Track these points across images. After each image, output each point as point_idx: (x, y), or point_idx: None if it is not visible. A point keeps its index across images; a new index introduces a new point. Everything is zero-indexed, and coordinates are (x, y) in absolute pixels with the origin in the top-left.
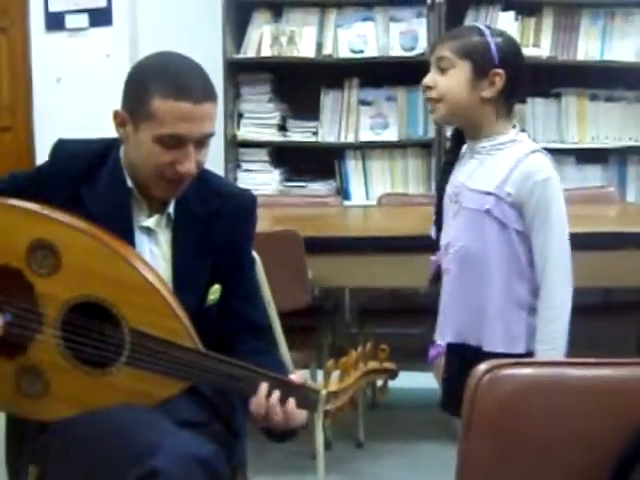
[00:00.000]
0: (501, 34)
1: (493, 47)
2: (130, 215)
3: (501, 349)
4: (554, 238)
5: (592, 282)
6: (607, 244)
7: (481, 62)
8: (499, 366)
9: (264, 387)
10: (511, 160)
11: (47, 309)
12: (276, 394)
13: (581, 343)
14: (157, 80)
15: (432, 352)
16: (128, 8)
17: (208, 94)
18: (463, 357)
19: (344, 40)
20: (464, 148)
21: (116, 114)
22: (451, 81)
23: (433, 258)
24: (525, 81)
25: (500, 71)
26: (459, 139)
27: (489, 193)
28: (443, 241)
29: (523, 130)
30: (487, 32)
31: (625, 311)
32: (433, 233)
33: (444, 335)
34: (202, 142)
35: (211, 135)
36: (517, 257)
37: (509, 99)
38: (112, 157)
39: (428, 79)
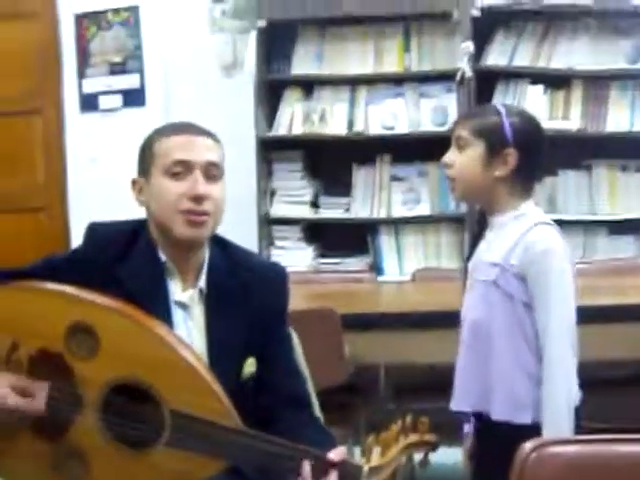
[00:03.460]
0: (519, 113)
1: (507, 127)
2: (166, 291)
3: (506, 418)
4: (553, 312)
5: (627, 354)
6: None
7: (494, 142)
8: (545, 444)
9: (307, 467)
10: (517, 232)
11: (87, 391)
12: (318, 473)
13: (618, 417)
14: (158, 132)
15: (467, 428)
16: (161, 88)
17: (208, 132)
18: (483, 429)
19: (375, 116)
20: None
21: (133, 183)
22: (466, 160)
23: None
24: (542, 159)
25: (512, 151)
26: (484, 216)
27: (495, 264)
28: (462, 314)
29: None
30: (503, 111)
31: None
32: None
33: (458, 405)
34: (210, 174)
35: (217, 165)
36: (523, 328)
37: (524, 177)
38: (143, 234)
39: (447, 157)
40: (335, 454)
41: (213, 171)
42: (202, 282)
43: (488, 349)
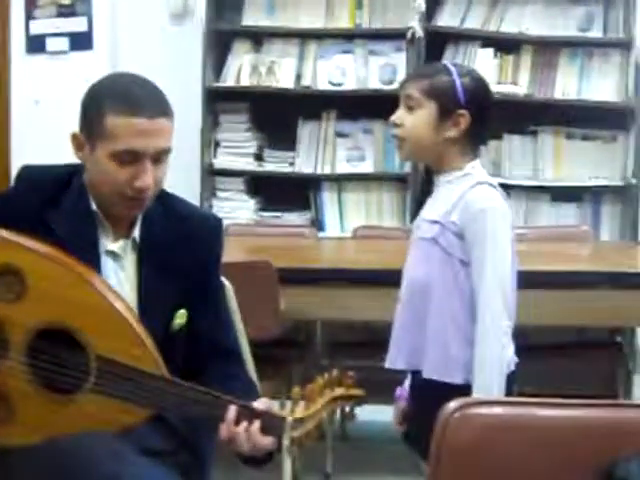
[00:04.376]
0: (469, 73)
1: (459, 88)
2: (96, 239)
3: (438, 377)
4: (488, 271)
5: (565, 321)
6: (580, 283)
7: (446, 103)
8: (468, 404)
9: (232, 413)
10: (458, 191)
11: (13, 335)
12: (242, 421)
13: (554, 381)
14: (110, 98)
15: (397, 392)
16: (109, 33)
17: (163, 110)
18: (416, 386)
19: (323, 72)
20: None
21: (73, 137)
22: (416, 121)
23: None
24: (490, 121)
25: (464, 112)
26: (430, 174)
27: (435, 222)
28: (403, 272)
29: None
30: (454, 71)
31: (598, 350)
32: None
33: (394, 362)
34: (159, 158)
35: (167, 151)
36: (460, 286)
37: (473, 138)
38: (76, 182)
39: (396, 117)
40: (259, 403)
41: (162, 155)
42: (136, 232)
43: (425, 307)
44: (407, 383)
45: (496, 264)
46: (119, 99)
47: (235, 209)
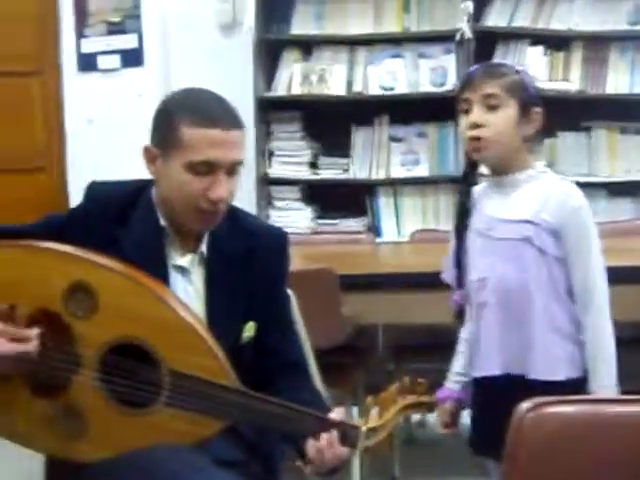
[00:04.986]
0: (526, 71)
1: (530, 85)
2: (164, 255)
3: (543, 377)
4: (595, 266)
5: (626, 316)
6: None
7: (525, 100)
8: (542, 404)
9: (315, 428)
10: (543, 189)
11: (85, 350)
12: (324, 437)
13: (628, 377)
14: (185, 111)
15: (441, 394)
16: (159, 48)
17: (236, 122)
18: (507, 391)
19: (374, 77)
20: (481, 185)
21: (146, 150)
22: (501, 120)
23: (455, 298)
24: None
25: (539, 109)
26: (473, 176)
27: (527, 221)
28: (474, 277)
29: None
30: (523, 70)
31: None
32: (447, 275)
33: (487, 369)
34: (232, 170)
35: (241, 162)
36: (556, 285)
37: (539, 136)
38: (144, 197)
39: (477, 117)
40: (335, 414)
41: (236, 167)
42: (203, 246)
43: (522, 308)
44: (452, 385)
45: (600, 259)
46: (194, 111)
47: (292, 218)
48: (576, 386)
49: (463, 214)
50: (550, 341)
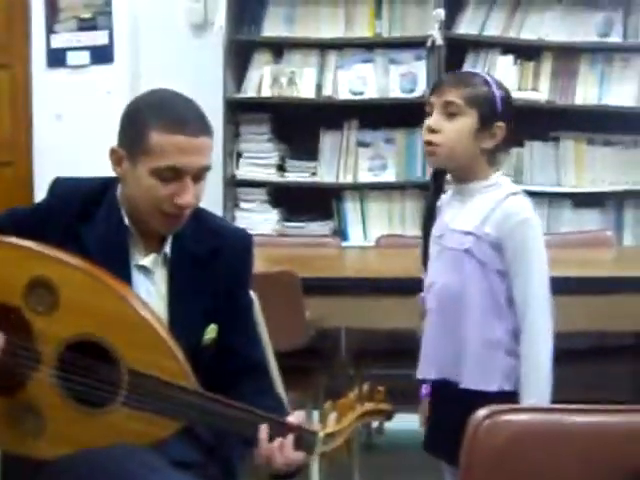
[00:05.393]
0: (501, 86)
1: (498, 100)
2: (127, 254)
3: (475, 387)
4: (534, 281)
5: (587, 326)
6: (603, 288)
7: (487, 113)
8: (498, 412)
9: (264, 431)
10: (491, 202)
11: (45, 347)
12: (277, 439)
13: (576, 387)
14: (153, 115)
15: (424, 390)
16: (130, 46)
17: (204, 128)
18: (444, 396)
19: (344, 81)
20: (448, 191)
21: (112, 152)
22: (456, 128)
23: (421, 295)
24: (514, 133)
25: (502, 124)
26: (439, 182)
27: (469, 233)
28: (426, 281)
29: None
30: (493, 83)
31: (620, 355)
32: (423, 274)
33: (425, 372)
34: (199, 175)
35: (208, 168)
36: (495, 296)
37: (502, 149)
38: (109, 195)
39: (434, 122)
40: (294, 418)
41: (203, 173)
42: (167, 247)
43: (458, 316)
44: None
45: (542, 273)
46: (163, 115)
47: (258, 220)
48: (508, 399)
49: (428, 215)
50: (483, 352)
